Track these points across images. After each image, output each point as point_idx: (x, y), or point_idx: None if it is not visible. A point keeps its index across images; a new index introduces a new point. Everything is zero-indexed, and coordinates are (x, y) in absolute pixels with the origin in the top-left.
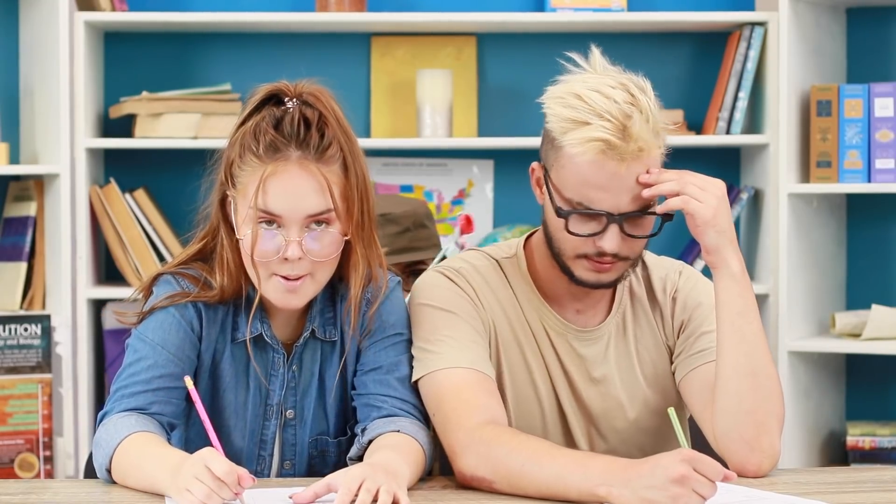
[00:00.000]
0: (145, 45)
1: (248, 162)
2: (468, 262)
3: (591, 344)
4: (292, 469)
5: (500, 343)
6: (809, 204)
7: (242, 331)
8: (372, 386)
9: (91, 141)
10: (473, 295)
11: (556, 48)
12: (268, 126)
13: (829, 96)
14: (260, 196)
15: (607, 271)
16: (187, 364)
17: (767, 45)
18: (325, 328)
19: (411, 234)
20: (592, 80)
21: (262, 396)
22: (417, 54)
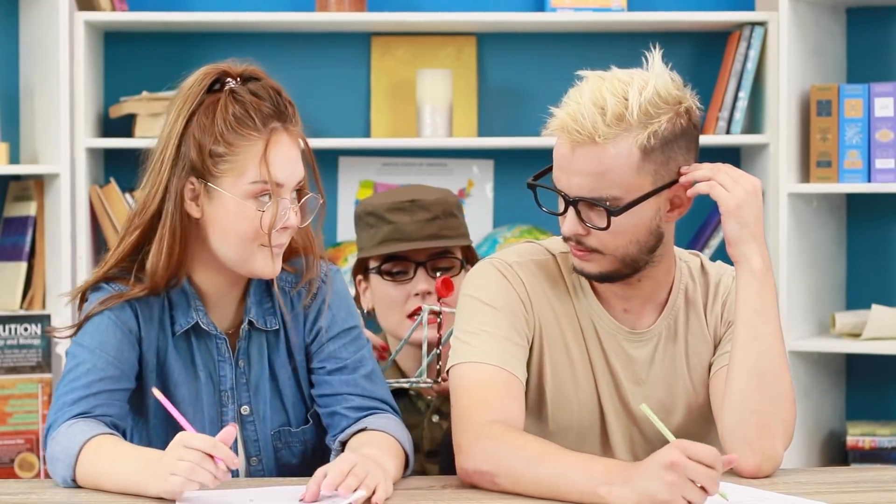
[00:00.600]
0: (145, 45)
1: (240, 138)
2: (524, 255)
3: (640, 346)
4: (260, 464)
5: (545, 339)
6: (809, 204)
7: (180, 322)
8: (339, 385)
9: (91, 141)
10: (522, 291)
11: (556, 48)
12: (250, 99)
13: (829, 96)
14: (270, 167)
15: (585, 260)
16: (127, 365)
17: (767, 44)
18: (265, 318)
19: (441, 221)
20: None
21: (214, 384)
22: (417, 54)
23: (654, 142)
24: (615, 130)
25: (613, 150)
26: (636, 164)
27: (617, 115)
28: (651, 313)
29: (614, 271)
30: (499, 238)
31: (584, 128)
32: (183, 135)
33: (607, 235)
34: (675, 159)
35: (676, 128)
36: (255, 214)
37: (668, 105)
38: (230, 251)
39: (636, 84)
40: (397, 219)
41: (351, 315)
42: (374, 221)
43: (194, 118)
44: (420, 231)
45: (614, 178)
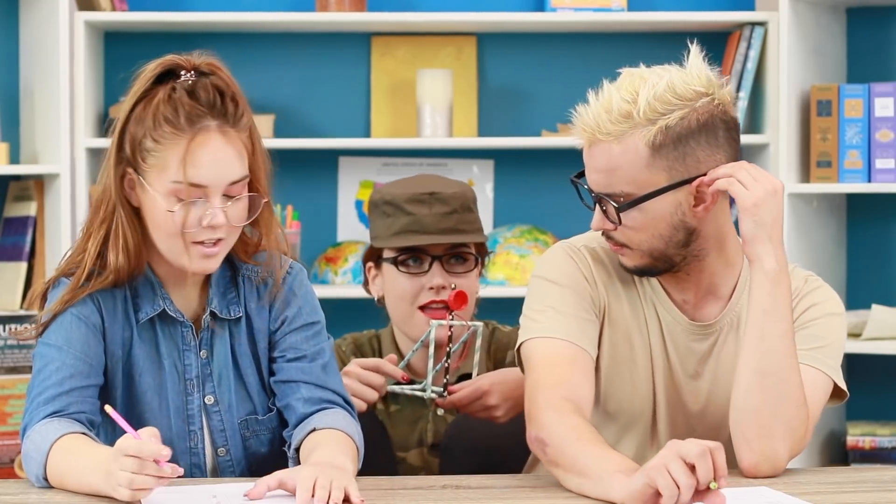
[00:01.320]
0: (145, 45)
1: (165, 136)
2: (593, 241)
3: (700, 339)
4: (228, 455)
5: (608, 320)
6: (809, 204)
7: (145, 311)
8: (295, 373)
9: (91, 141)
10: (588, 272)
11: (556, 48)
12: (182, 97)
13: (830, 96)
14: (187, 168)
15: (619, 254)
16: (95, 360)
17: (767, 44)
18: (228, 307)
19: (459, 216)
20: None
21: (179, 373)
22: (417, 54)
23: (664, 138)
24: (621, 128)
25: (620, 146)
26: (645, 160)
27: (623, 112)
28: (713, 306)
29: (648, 265)
30: (499, 238)
31: (588, 126)
32: (125, 124)
33: (629, 230)
34: (692, 155)
35: (692, 123)
36: (169, 210)
37: (683, 101)
38: (161, 245)
39: (651, 81)
40: (416, 210)
41: (315, 311)
42: (391, 211)
43: (135, 109)
44: (438, 224)
45: (624, 175)
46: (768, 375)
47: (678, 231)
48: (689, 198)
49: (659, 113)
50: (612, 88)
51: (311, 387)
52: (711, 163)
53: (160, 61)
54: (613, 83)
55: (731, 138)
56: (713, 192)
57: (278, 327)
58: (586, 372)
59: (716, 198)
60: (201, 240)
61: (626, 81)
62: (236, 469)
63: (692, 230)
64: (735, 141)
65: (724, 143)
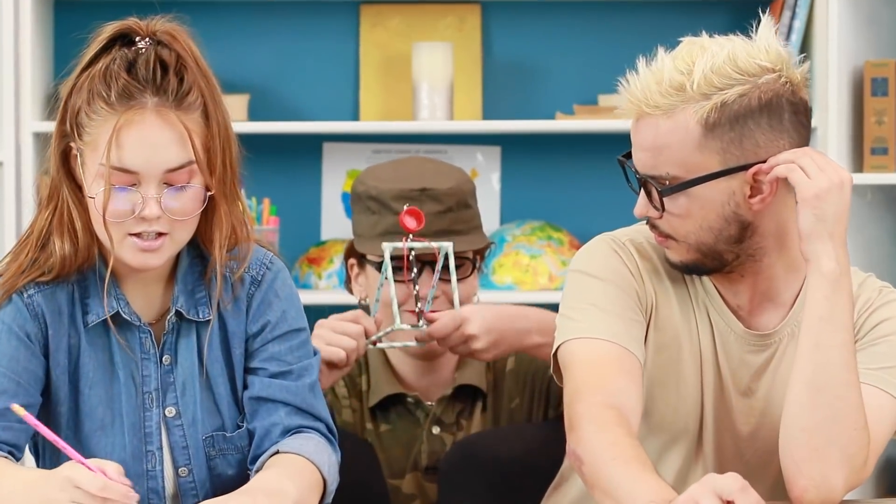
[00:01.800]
0: (101, 15)
1: (97, 111)
2: (642, 236)
3: (758, 351)
4: (190, 476)
5: (655, 328)
6: (863, 196)
7: (96, 312)
8: (278, 392)
9: (39, 124)
10: (636, 270)
11: (571, 18)
12: (119, 70)
13: (886, 73)
14: (113, 150)
15: (664, 246)
16: (25, 377)
17: (815, 14)
18: (197, 307)
19: (453, 214)
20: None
21: (136, 385)
22: (413, 25)
23: (719, 116)
24: (671, 101)
25: (670, 122)
26: (697, 139)
27: (676, 84)
28: (772, 314)
29: (696, 262)
30: (506, 236)
31: (635, 97)
32: (70, 93)
33: (675, 219)
34: (751, 137)
35: (753, 102)
36: (98, 196)
37: (745, 75)
38: (98, 233)
39: (711, 51)
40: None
41: (301, 317)
42: (377, 208)
43: (80, 77)
44: (429, 227)
45: (672, 155)
46: (822, 391)
47: (730, 224)
48: (744, 187)
49: (716, 87)
50: (667, 58)
51: (291, 410)
52: (773, 148)
53: (117, 25)
54: (669, 52)
55: (799, 123)
56: (772, 180)
57: (258, 333)
58: (634, 377)
59: (774, 188)
60: (136, 231)
61: (683, 50)
62: (199, 493)
63: (747, 225)
64: (804, 127)
65: (789, 128)
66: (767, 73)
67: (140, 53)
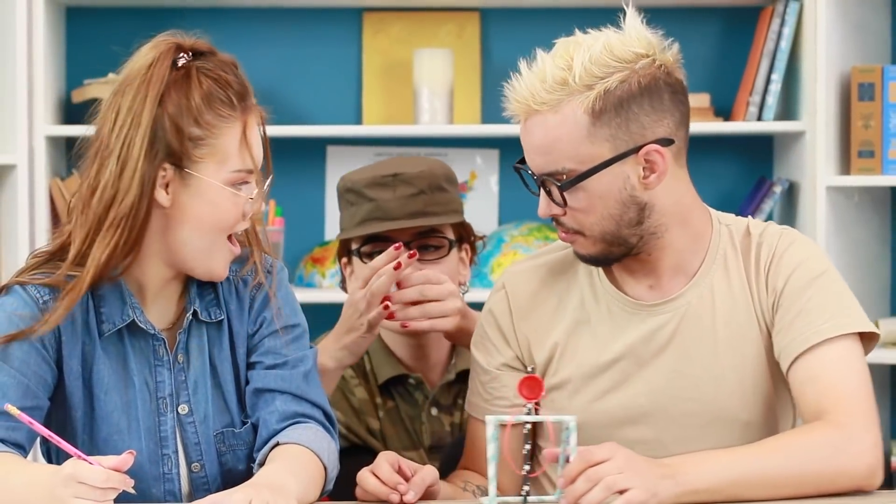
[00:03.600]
0: (112, 22)
1: (220, 119)
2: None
3: (653, 317)
4: (203, 471)
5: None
6: (850, 198)
7: (112, 321)
8: (273, 381)
9: (51, 128)
10: (507, 321)
11: (568, 25)
12: (221, 75)
13: (872, 78)
14: (250, 152)
15: (571, 242)
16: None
17: (803, 21)
18: (209, 309)
19: (427, 196)
20: (575, 38)
21: (151, 391)
22: (414, 32)
23: (603, 103)
24: (557, 96)
25: (558, 117)
26: (586, 129)
27: (559, 79)
28: (681, 285)
29: (604, 252)
30: (505, 237)
31: (521, 97)
32: (157, 116)
33: (579, 213)
34: (636, 120)
35: (633, 87)
36: (234, 202)
37: (623, 62)
38: (197, 242)
39: (586, 44)
40: (378, 195)
41: (295, 313)
42: (353, 199)
43: (167, 98)
44: (402, 208)
45: (564, 149)
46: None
47: (629, 208)
48: (637, 169)
49: (597, 77)
50: (547, 57)
51: (287, 398)
52: (658, 128)
53: (158, 46)
54: (548, 52)
55: (679, 101)
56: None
57: (256, 330)
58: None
59: (665, 164)
60: (237, 231)
61: (560, 49)
62: (212, 487)
63: (643, 205)
64: (683, 104)
65: (669, 107)
66: (642, 59)
67: (217, 61)
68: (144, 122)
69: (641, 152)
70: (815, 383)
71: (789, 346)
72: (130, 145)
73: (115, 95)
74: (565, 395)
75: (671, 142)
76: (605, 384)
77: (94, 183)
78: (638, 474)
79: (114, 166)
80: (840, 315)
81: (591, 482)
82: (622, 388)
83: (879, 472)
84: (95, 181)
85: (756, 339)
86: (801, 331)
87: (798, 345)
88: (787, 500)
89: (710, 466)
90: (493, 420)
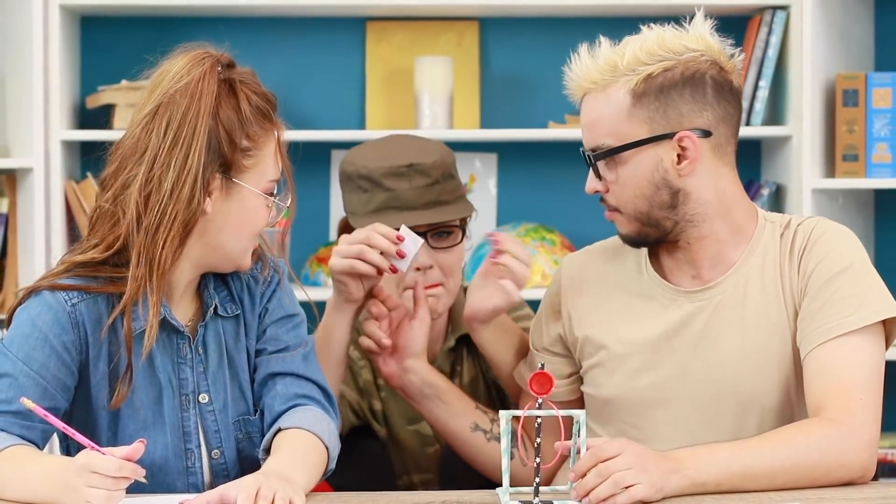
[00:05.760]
0: (125, 30)
1: (262, 131)
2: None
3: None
4: (222, 458)
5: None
6: (835, 200)
7: (143, 319)
8: (275, 365)
9: (66, 133)
10: (556, 298)
11: (563, 34)
12: (258, 88)
13: (856, 85)
14: (283, 160)
15: (613, 220)
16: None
17: (790, 30)
18: (224, 305)
19: (440, 185)
20: (644, 31)
21: (174, 388)
22: (416, 40)
23: (645, 87)
24: (605, 77)
25: (604, 96)
26: (626, 109)
27: (610, 63)
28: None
29: (640, 233)
30: None
31: (577, 76)
32: (212, 129)
33: (617, 189)
34: (675, 107)
35: (676, 75)
36: (267, 208)
37: (671, 53)
38: (238, 245)
39: (643, 35)
40: (394, 185)
41: (295, 304)
42: (368, 186)
43: (219, 110)
44: (419, 198)
45: (606, 125)
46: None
47: (661, 190)
48: (671, 153)
49: (642, 63)
50: (606, 44)
51: (288, 380)
52: (697, 119)
53: (211, 60)
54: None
55: (725, 100)
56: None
57: (260, 321)
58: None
59: (698, 153)
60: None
61: (624, 40)
62: (230, 473)
63: (677, 191)
64: (730, 105)
65: (712, 102)
66: (691, 52)
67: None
68: (201, 134)
69: (676, 137)
70: (823, 376)
71: (809, 336)
72: (188, 156)
73: (162, 107)
74: (604, 373)
75: (708, 134)
76: (639, 364)
77: (147, 190)
78: (646, 471)
79: (172, 174)
80: (861, 308)
81: (602, 477)
82: (654, 370)
83: (873, 468)
84: (147, 189)
85: (784, 327)
86: (823, 322)
87: (817, 336)
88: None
89: (714, 460)
90: (506, 414)
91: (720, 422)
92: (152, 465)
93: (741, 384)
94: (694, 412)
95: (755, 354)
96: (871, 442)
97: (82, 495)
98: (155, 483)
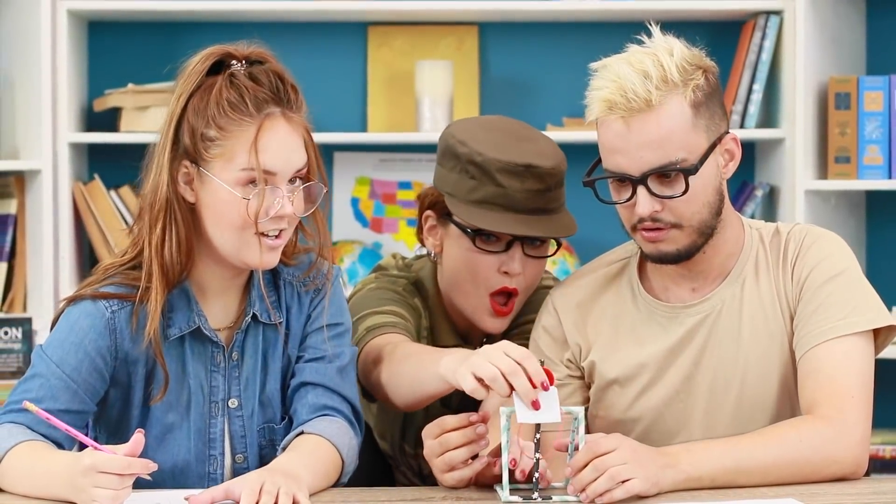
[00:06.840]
0: (131, 35)
1: (231, 122)
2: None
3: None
4: (245, 463)
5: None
6: (827, 201)
7: (179, 326)
8: (309, 374)
9: (74, 135)
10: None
11: (562, 38)
12: (245, 82)
13: (848, 88)
14: (258, 154)
15: (661, 240)
16: (84, 388)
17: (783, 34)
18: (269, 311)
19: (551, 194)
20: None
21: (205, 394)
22: (416, 44)
23: (699, 95)
24: (664, 92)
25: (668, 111)
26: (690, 120)
27: (661, 77)
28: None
29: (693, 245)
30: None
31: (638, 95)
32: (181, 117)
33: (682, 204)
34: (717, 114)
35: (710, 84)
36: (242, 202)
37: (696, 65)
38: (222, 239)
39: (662, 50)
40: (507, 183)
41: (342, 313)
42: (477, 174)
43: (191, 100)
44: (527, 202)
45: (677, 140)
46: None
47: (718, 195)
48: (719, 158)
49: (689, 73)
50: (635, 60)
51: (320, 391)
52: (723, 123)
53: (209, 51)
54: (624, 58)
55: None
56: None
57: (304, 328)
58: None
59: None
60: (265, 231)
61: (637, 56)
62: None
63: (722, 194)
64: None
65: (723, 106)
66: (704, 62)
67: (256, 69)
68: (171, 125)
69: (723, 140)
70: (815, 376)
71: (803, 339)
72: (164, 144)
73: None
74: (615, 393)
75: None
76: (646, 381)
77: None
78: (641, 465)
79: (155, 167)
80: (854, 314)
81: (598, 472)
82: (661, 386)
83: (865, 464)
84: (147, 186)
85: (781, 333)
86: (817, 325)
87: (811, 338)
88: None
89: (709, 455)
90: (506, 411)
91: (724, 429)
92: (174, 467)
93: (744, 390)
94: (699, 420)
95: (756, 360)
96: (863, 438)
97: (89, 495)
98: (173, 485)
